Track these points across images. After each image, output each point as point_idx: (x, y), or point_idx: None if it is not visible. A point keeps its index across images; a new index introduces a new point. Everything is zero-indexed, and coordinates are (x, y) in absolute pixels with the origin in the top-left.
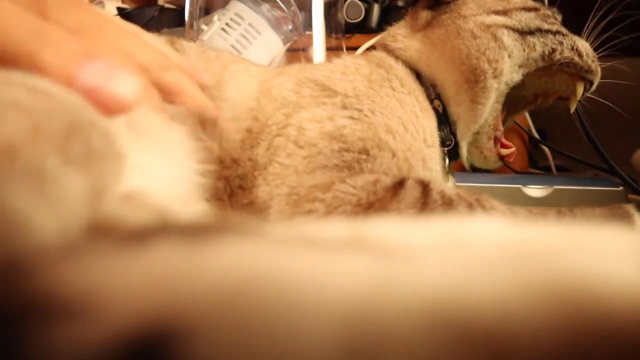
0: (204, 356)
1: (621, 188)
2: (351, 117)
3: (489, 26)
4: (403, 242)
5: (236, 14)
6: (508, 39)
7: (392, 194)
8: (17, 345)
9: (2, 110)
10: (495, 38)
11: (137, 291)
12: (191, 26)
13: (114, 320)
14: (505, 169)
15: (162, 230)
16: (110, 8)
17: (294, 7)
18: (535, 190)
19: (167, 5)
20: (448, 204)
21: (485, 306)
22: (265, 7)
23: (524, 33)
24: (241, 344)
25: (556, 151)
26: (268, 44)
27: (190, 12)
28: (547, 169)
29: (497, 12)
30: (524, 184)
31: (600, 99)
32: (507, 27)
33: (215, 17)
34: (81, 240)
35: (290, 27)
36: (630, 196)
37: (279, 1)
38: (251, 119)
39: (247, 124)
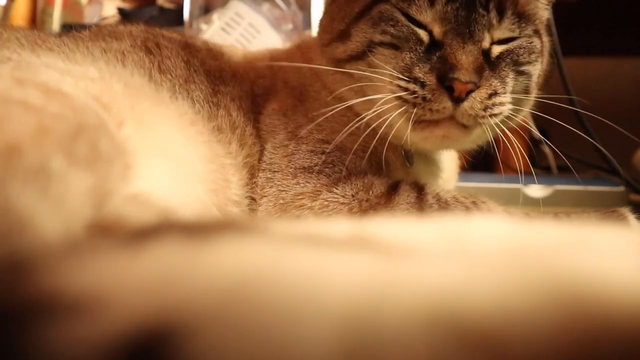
0: (203, 356)
1: (622, 188)
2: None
3: None
4: (404, 241)
5: (236, 14)
6: None
7: (386, 200)
8: (19, 343)
9: (8, 109)
10: None
11: (138, 290)
12: (190, 25)
13: (115, 320)
14: (505, 168)
15: (164, 229)
16: (110, 8)
17: (294, 6)
18: (535, 191)
19: (166, 5)
20: (444, 207)
21: (487, 307)
22: (265, 6)
23: None
24: (241, 344)
25: (557, 151)
26: (268, 43)
27: (190, 12)
28: (548, 169)
29: None
30: (524, 184)
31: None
32: None
33: (215, 17)
34: (84, 239)
35: (290, 26)
36: (632, 196)
37: (278, 0)
38: None
39: None
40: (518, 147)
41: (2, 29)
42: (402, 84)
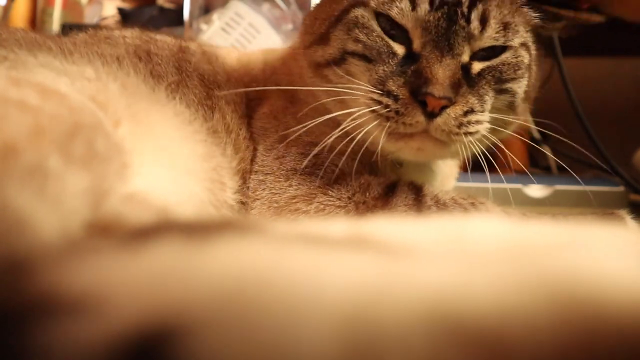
0: (203, 355)
1: (622, 188)
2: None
3: None
4: (404, 241)
5: (236, 14)
6: None
7: (384, 202)
8: (19, 343)
9: (4, 109)
10: None
11: (137, 290)
12: (190, 25)
13: (115, 320)
14: (505, 168)
15: (164, 228)
16: (110, 8)
17: (294, 6)
18: (535, 191)
19: (166, 5)
20: (442, 209)
21: (486, 306)
22: (265, 6)
23: None
24: (240, 345)
25: (557, 151)
26: (268, 44)
27: (190, 12)
28: (548, 169)
29: None
30: (524, 184)
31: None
32: None
33: (215, 17)
34: (82, 239)
35: (290, 26)
36: (632, 196)
37: (278, 0)
38: None
39: None
40: (517, 147)
41: (0, 29)
42: (376, 97)
